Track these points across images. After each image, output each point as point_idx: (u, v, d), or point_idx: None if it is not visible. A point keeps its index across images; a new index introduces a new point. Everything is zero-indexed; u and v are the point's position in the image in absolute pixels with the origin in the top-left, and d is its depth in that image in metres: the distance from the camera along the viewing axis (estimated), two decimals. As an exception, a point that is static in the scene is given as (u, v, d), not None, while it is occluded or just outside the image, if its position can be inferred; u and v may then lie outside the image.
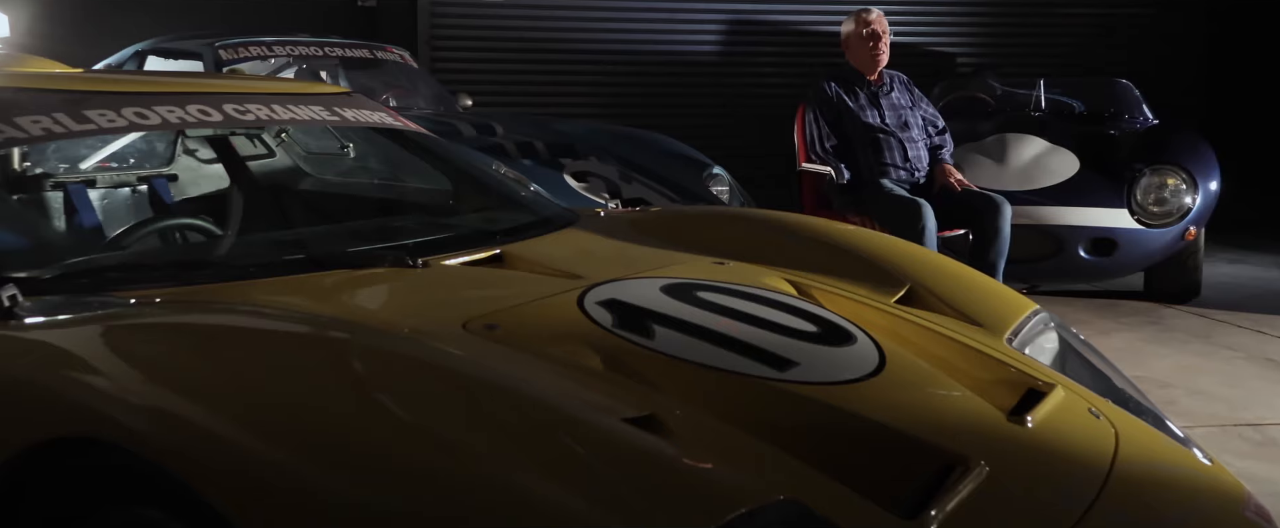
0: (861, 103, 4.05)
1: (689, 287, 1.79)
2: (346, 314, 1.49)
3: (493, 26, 7.67)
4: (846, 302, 1.89)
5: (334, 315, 1.46)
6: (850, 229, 2.23)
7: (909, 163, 3.97)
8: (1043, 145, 4.69)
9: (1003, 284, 2.11)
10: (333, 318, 1.45)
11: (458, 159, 2.52)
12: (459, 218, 2.34)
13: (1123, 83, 5.83)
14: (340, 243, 1.98)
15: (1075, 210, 4.30)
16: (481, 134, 4.47)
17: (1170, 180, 4.35)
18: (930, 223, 3.64)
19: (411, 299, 1.59)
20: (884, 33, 4.04)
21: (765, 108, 7.88)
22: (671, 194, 4.22)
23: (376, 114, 2.35)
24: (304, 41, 5.10)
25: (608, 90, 7.90)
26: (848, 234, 2.18)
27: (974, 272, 2.12)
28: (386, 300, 1.57)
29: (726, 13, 8.10)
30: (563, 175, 4.12)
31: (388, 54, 5.44)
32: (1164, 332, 4.16)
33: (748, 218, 2.30)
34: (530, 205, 2.43)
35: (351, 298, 1.62)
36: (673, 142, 4.79)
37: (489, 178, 2.53)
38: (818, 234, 2.17)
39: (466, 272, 1.81)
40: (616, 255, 2.02)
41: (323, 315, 1.46)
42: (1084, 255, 4.29)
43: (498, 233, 2.08)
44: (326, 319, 1.44)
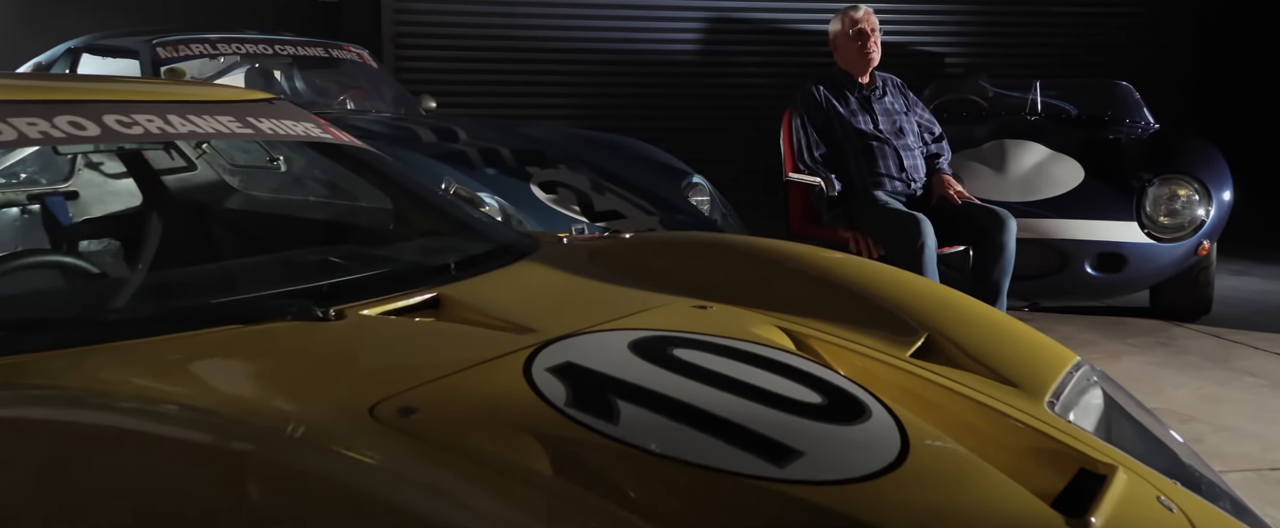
0: (852, 108, 3.73)
1: (664, 342, 1.46)
2: (207, 399, 1.15)
3: (461, 24, 7.32)
4: (854, 356, 1.57)
5: (187, 404, 1.12)
6: (854, 262, 1.90)
7: (905, 173, 3.66)
8: (1044, 152, 4.40)
9: (1037, 332, 1.78)
10: (185, 409, 1.11)
11: (399, 176, 2.18)
12: (395, 248, 2.00)
13: (1123, 85, 5.55)
14: (240, 284, 1.63)
15: (1081, 223, 4.00)
16: (442, 139, 4.13)
17: (1181, 191, 4.06)
18: (930, 240, 3.33)
19: (308, 371, 1.25)
20: (873, 31, 3.73)
21: (749, 111, 7.58)
22: (647, 205, 3.90)
23: (302, 125, 2.01)
24: (252, 39, 4.74)
25: (582, 92, 7.57)
26: (851, 269, 1.85)
27: (1002, 316, 1.79)
28: (274, 373, 1.23)
29: (708, 10, 7.77)
30: (529, 186, 3.78)
31: (345, 52, 5.08)
32: (1177, 355, 3.87)
33: (734, 248, 1.97)
34: (481, 231, 2.10)
35: (222, 372, 1.28)
36: (650, 147, 4.47)
37: (435, 198, 2.19)
38: (816, 269, 1.85)
39: (389, 325, 1.47)
40: (578, 298, 1.69)
41: (171, 404, 1.12)
42: (1091, 272, 3.99)
43: (437, 269, 1.74)
44: (176, 411, 1.10)
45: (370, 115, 4.61)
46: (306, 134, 1.99)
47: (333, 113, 4.63)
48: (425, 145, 4.05)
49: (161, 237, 2.10)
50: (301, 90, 5.06)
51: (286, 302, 1.44)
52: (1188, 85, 8.49)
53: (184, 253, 2.13)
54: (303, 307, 1.42)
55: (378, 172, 2.18)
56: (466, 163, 3.86)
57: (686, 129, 7.62)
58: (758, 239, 2.00)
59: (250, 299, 1.50)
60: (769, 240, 1.99)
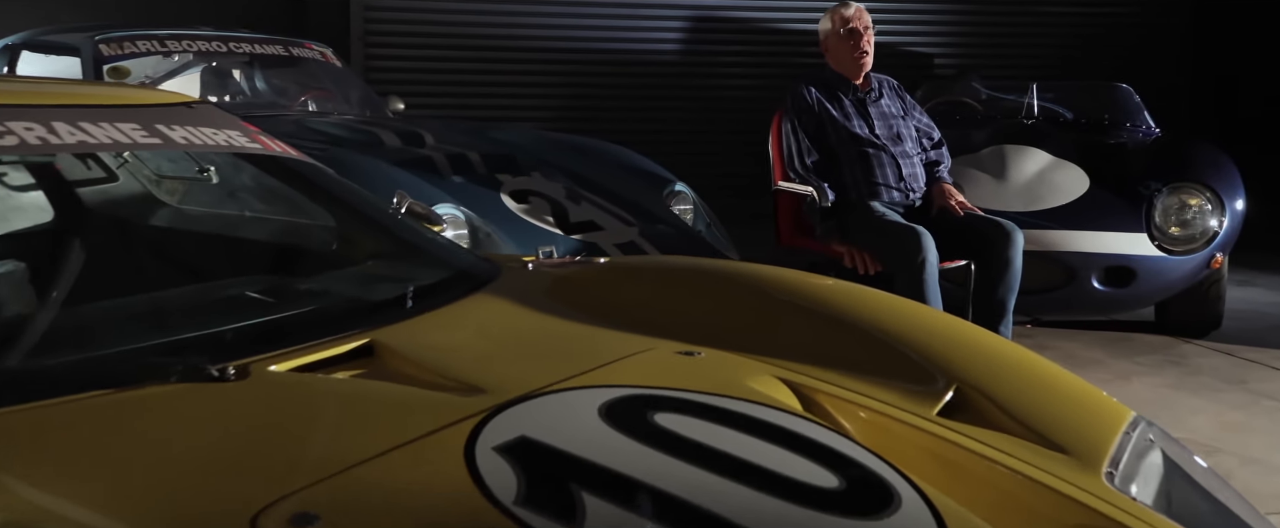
0: (846, 111, 3.48)
1: (643, 404, 1.20)
2: (18, 513, 0.87)
3: (433, 20, 7.02)
4: (871, 416, 1.31)
5: None
6: (863, 295, 1.64)
7: (903, 182, 3.40)
8: (1046, 159, 4.16)
9: (1083, 382, 1.52)
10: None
11: (341, 191, 1.90)
12: (330, 278, 1.72)
13: (1123, 88, 5.32)
14: (122, 331, 1.35)
15: (1088, 235, 3.76)
16: (407, 144, 3.85)
17: (1192, 200, 3.83)
18: (931, 255, 3.08)
19: (177, 461, 0.98)
20: (866, 29, 3.47)
21: (736, 113, 7.32)
22: (626, 215, 3.63)
23: (223, 133, 1.73)
24: (205, 35, 4.44)
25: (560, 92, 7.28)
26: (862, 304, 1.59)
27: (1043, 363, 1.53)
28: (126, 467, 0.95)
29: (692, 7, 7.50)
30: (500, 195, 3.51)
31: (306, 51, 4.78)
32: (1190, 375, 3.63)
33: (724, 277, 1.70)
34: (435, 254, 1.83)
35: (52, 468, 0.98)
36: (630, 153, 4.20)
37: (383, 217, 1.91)
38: (821, 303, 1.58)
39: (301, 388, 1.20)
40: (542, 343, 1.43)
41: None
42: (1098, 286, 3.76)
43: (374, 306, 1.47)
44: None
45: (331, 117, 4.32)
46: (228, 144, 1.71)
47: (291, 115, 4.33)
48: (388, 150, 3.77)
49: (71, 261, 1.81)
50: (261, 90, 4.76)
51: (172, 359, 1.16)
52: (1180, 87, 8.29)
53: (93, 282, 1.84)
54: (192, 365, 1.14)
55: (316, 185, 1.91)
56: (432, 169, 3.58)
57: (669, 132, 7.35)
58: (751, 267, 1.74)
59: (124, 354, 1.22)
60: (764, 268, 1.72)
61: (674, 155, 7.18)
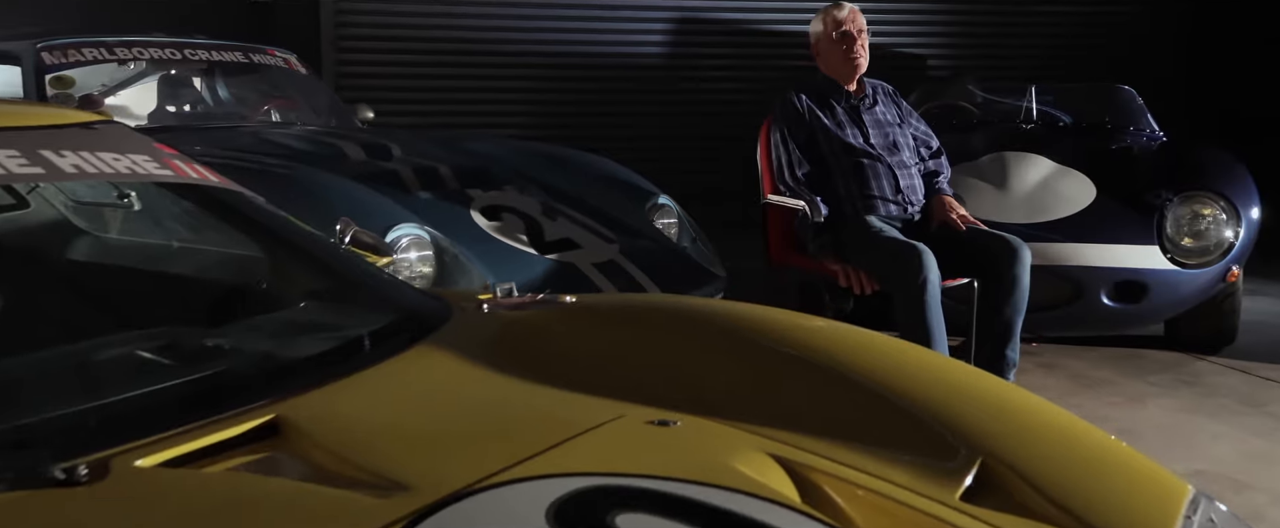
0: (839, 119, 3.25)
1: (602, 501, 0.97)
2: None
3: (407, 25, 6.78)
4: (881, 503, 1.08)
5: None
6: (866, 344, 1.41)
7: (901, 194, 3.18)
8: (1049, 167, 3.94)
9: (1131, 451, 1.28)
10: None
11: (271, 220, 1.67)
12: (249, 327, 1.48)
13: (1124, 90, 5.12)
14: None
15: (1096, 248, 3.54)
16: (372, 157, 3.61)
17: (1205, 210, 3.62)
18: (932, 274, 2.86)
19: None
20: (861, 32, 3.25)
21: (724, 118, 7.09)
22: (605, 231, 3.40)
23: (127, 159, 1.49)
24: (158, 42, 4.18)
25: (540, 98, 7.05)
26: (869, 354, 1.36)
27: (1085, 429, 1.29)
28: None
29: (676, 8, 7.27)
30: (469, 211, 3.27)
31: (268, 57, 4.53)
32: (1206, 397, 3.42)
33: (705, 320, 1.47)
34: (378, 292, 1.60)
35: None
36: (611, 164, 3.97)
37: (320, 249, 1.68)
38: (821, 353, 1.35)
39: (174, 489, 0.96)
40: (485, 413, 1.19)
41: None
42: (1107, 302, 3.54)
43: (289, 368, 1.24)
44: None
45: (293, 129, 4.08)
46: (131, 171, 1.47)
47: (249, 127, 4.09)
48: (352, 164, 3.53)
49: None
50: (220, 100, 4.51)
51: (8, 455, 0.93)
52: (1178, 86, 8.10)
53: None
54: (30, 464, 0.90)
55: (242, 214, 1.67)
56: (397, 185, 3.35)
57: (652, 136, 7.14)
58: (737, 309, 1.51)
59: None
60: (752, 310, 1.49)
61: (658, 161, 6.97)
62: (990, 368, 3.02)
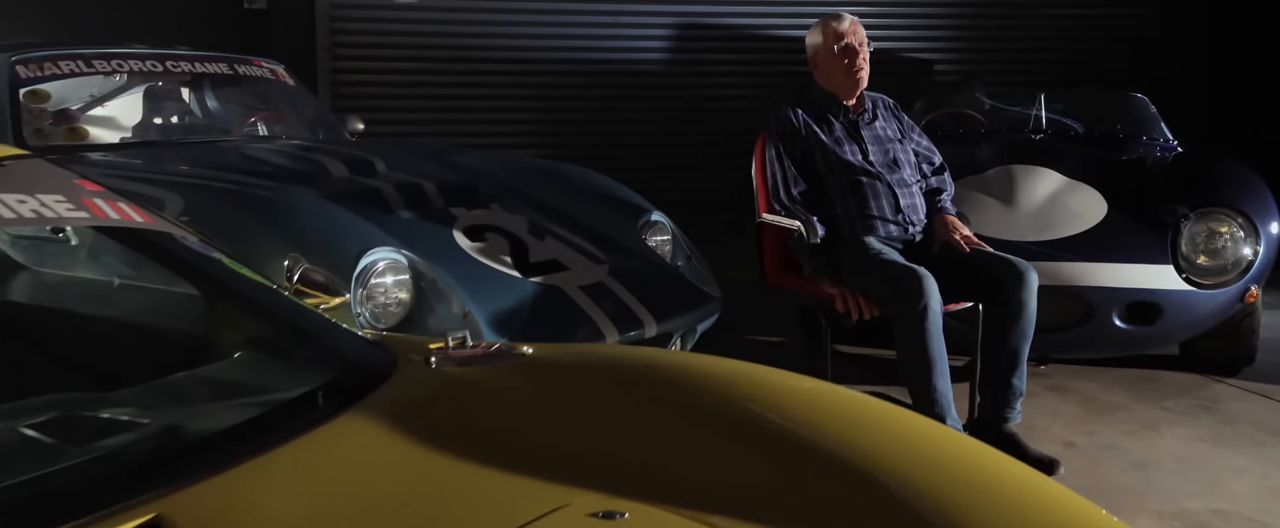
0: (837, 135, 3.11)
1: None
2: None
3: (403, 32, 6.65)
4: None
5: None
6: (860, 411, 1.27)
7: (901, 213, 3.03)
8: (1059, 180, 3.79)
9: None
10: None
11: (208, 264, 1.53)
12: (164, 388, 1.34)
13: (1137, 98, 4.96)
14: None
15: (1108, 267, 3.39)
16: (355, 173, 3.48)
17: (1223, 227, 3.46)
18: (934, 301, 2.71)
19: None
20: (862, 45, 3.10)
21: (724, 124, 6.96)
22: (595, 251, 3.26)
23: (34, 200, 1.35)
24: (139, 54, 4.06)
25: (537, 106, 6.91)
26: (855, 424, 1.22)
27: (1084, 507, 1.15)
28: None
29: (675, 14, 7.12)
30: (452, 231, 3.14)
31: (255, 68, 4.41)
32: (1225, 425, 3.26)
33: (669, 382, 1.33)
34: (321, 343, 1.47)
35: None
36: (604, 179, 3.82)
37: (262, 295, 1.55)
38: (800, 423, 1.21)
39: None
40: (405, 509, 1.05)
41: None
42: (1120, 324, 3.39)
43: (186, 451, 1.10)
44: None
45: (276, 143, 3.95)
46: (37, 214, 1.34)
47: (231, 141, 3.97)
48: (334, 181, 3.41)
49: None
50: (205, 112, 4.40)
51: None
52: (1191, 93, 7.91)
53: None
54: None
55: (174, 256, 1.54)
56: (379, 203, 3.22)
57: (655, 145, 7.00)
58: (706, 367, 1.37)
59: None
60: (722, 368, 1.36)
61: (660, 168, 6.85)
62: (996, 398, 2.88)
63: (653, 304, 3.11)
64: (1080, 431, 3.19)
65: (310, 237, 2.79)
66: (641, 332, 3.02)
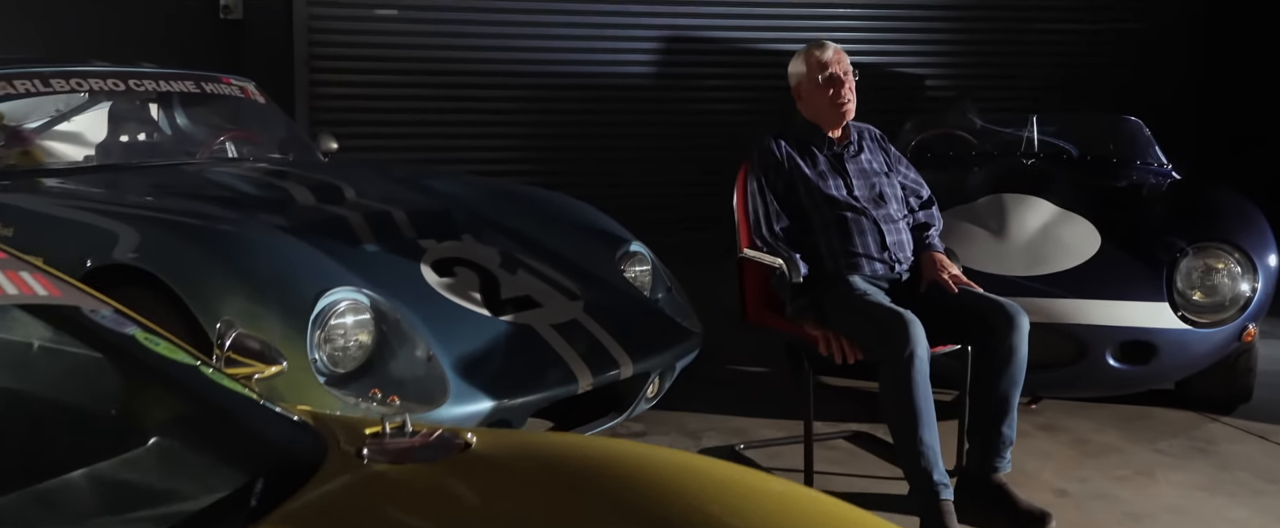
0: (821, 168, 2.98)
1: None
2: None
3: (382, 45, 6.52)
4: None
5: None
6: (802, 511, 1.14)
7: (887, 252, 2.91)
8: (1051, 211, 3.67)
9: None
10: None
11: (120, 339, 1.40)
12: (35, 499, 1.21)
13: (1131, 121, 4.85)
14: None
15: (1102, 305, 3.28)
16: (322, 201, 3.35)
17: (1219, 263, 3.35)
18: (920, 347, 2.58)
19: None
20: (847, 74, 2.98)
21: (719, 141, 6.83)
22: (570, 286, 3.14)
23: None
24: (99, 72, 3.92)
25: (519, 120, 6.78)
26: None
27: None
28: None
29: (666, 27, 6.99)
30: (420, 266, 3.02)
31: (223, 86, 4.27)
32: (1223, 470, 3.14)
33: (622, 483, 1.20)
34: (246, 428, 1.34)
35: None
36: (582, 207, 3.70)
37: (183, 374, 1.41)
38: None
39: None
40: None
41: None
42: (1113, 363, 3.27)
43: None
44: None
45: (241, 167, 3.81)
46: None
47: (195, 165, 3.83)
48: (298, 209, 3.28)
49: None
50: (170, 133, 4.26)
51: None
52: (1188, 107, 7.82)
53: None
54: None
55: (85, 329, 1.40)
56: (345, 234, 3.09)
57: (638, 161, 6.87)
58: (664, 463, 1.24)
59: None
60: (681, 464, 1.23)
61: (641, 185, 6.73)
62: (984, 448, 2.76)
63: (629, 342, 2.99)
64: (1072, 476, 3.07)
65: (266, 274, 2.67)
66: (617, 372, 2.90)
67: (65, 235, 2.96)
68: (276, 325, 2.55)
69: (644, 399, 3.13)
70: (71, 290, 1.39)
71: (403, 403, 2.45)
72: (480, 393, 2.60)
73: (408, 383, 2.58)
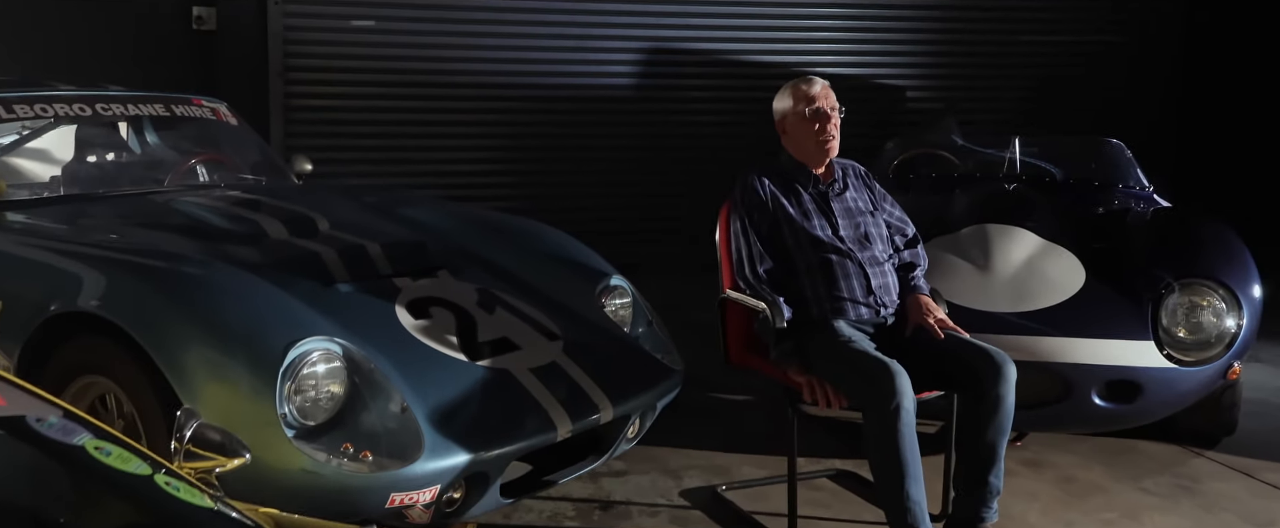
0: (806, 207, 2.93)
1: None
2: None
3: (359, 56, 6.41)
4: None
5: None
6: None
7: (872, 295, 2.86)
8: (1035, 243, 3.64)
9: None
10: None
11: (63, 451, 1.33)
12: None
13: (1113, 143, 4.83)
14: None
15: (1087, 344, 3.24)
16: (295, 234, 3.27)
17: (1206, 300, 3.32)
18: (907, 400, 2.54)
19: None
20: (833, 110, 2.92)
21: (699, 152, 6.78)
22: (549, 325, 3.07)
23: None
24: (65, 96, 3.80)
25: (500, 132, 6.70)
26: None
27: None
28: None
29: (648, 39, 6.92)
30: (395, 308, 2.93)
31: (194, 109, 4.16)
32: (1208, 512, 3.12)
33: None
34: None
35: None
36: (562, 238, 3.62)
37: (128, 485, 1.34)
38: None
39: None
40: None
41: None
42: (1099, 402, 3.24)
43: None
44: None
45: (210, 197, 3.69)
46: None
47: (162, 194, 3.70)
48: (271, 244, 3.19)
49: None
50: (141, 156, 4.16)
51: None
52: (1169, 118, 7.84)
53: None
54: None
55: (30, 439, 1.33)
56: (318, 272, 3.01)
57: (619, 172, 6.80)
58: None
59: None
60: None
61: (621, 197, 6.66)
62: (971, 497, 2.72)
63: (609, 385, 2.92)
64: (1058, 519, 3.04)
65: (233, 324, 2.57)
66: (597, 417, 2.84)
67: (29, 276, 2.87)
68: (245, 378, 2.47)
69: (624, 440, 3.07)
70: (18, 396, 1.31)
71: (375, 459, 2.50)
72: (456, 446, 2.53)
73: (381, 436, 2.50)
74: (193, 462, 1.49)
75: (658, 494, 3.21)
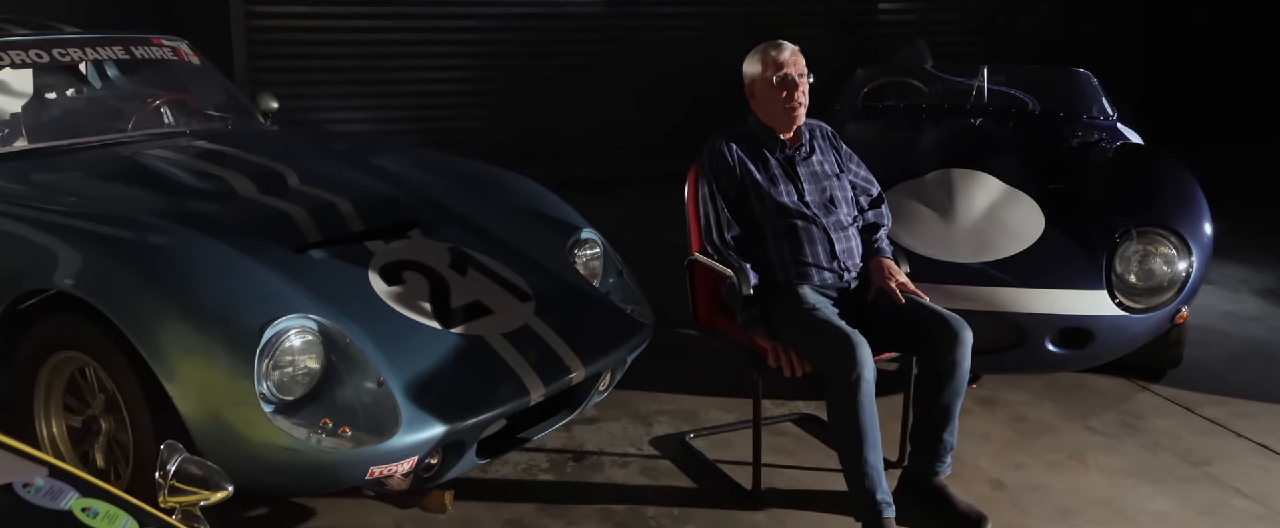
0: (774, 173, 2.97)
1: None
2: None
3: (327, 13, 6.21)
4: None
5: None
6: None
7: (836, 260, 2.93)
8: (997, 189, 3.71)
9: None
10: None
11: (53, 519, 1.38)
12: None
13: (1081, 73, 4.86)
14: None
15: (1043, 294, 3.34)
16: (264, 192, 3.27)
17: (1158, 248, 3.42)
18: (868, 371, 2.63)
19: None
20: (801, 76, 2.94)
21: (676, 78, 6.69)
22: (522, 285, 3.12)
23: None
24: (20, 42, 3.70)
25: (469, 60, 6.57)
26: None
27: None
28: None
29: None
30: (368, 274, 2.97)
31: (154, 48, 4.08)
32: (1150, 452, 3.29)
33: None
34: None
35: None
36: (534, 189, 3.64)
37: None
38: None
39: None
40: None
41: None
42: (1052, 348, 3.37)
43: None
44: None
45: (175, 149, 3.64)
46: None
47: (127, 143, 3.66)
48: (239, 202, 3.19)
49: None
50: (104, 97, 4.09)
51: None
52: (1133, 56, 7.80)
53: None
54: None
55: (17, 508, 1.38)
56: (289, 233, 3.03)
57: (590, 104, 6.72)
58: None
59: None
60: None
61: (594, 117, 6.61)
62: (926, 453, 2.86)
63: (580, 345, 3.00)
64: (1009, 462, 3.20)
65: (208, 304, 2.60)
66: (570, 379, 2.92)
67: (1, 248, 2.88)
68: (222, 357, 2.52)
69: (596, 393, 3.17)
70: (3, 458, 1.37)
71: (354, 434, 2.59)
72: (432, 418, 2.61)
73: (358, 411, 2.57)
74: (177, 497, 1.56)
75: (628, 443, 3.33)
